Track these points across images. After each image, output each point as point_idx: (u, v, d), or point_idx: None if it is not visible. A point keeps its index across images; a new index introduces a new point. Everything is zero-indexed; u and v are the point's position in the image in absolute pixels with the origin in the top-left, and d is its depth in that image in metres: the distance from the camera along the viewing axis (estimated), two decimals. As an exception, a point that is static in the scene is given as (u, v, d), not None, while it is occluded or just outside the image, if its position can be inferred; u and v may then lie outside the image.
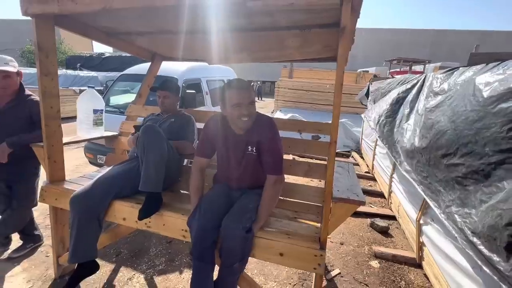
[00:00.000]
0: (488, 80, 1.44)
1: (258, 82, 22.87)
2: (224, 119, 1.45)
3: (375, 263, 2.20)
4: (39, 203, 1.91)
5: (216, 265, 1.32)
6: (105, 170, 1.64)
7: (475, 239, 0.93)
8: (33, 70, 9.30)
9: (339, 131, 6.04)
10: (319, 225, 1.41)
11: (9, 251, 2.07)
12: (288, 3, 1.01)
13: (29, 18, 1.54)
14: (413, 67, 13.27)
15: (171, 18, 1.58)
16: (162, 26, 1.79)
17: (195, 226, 1.25)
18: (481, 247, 0.90)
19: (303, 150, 1.87)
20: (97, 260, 1.58)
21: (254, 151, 1.39)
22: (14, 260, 1.99)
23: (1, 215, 1.95)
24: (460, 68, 1.90)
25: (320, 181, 3.29)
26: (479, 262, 0.92)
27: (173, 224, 1.40)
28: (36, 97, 1.87)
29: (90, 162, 3.29)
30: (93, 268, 1.51)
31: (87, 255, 1.46)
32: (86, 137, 2.02)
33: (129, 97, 4.06)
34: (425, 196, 1.56)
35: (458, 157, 1.18)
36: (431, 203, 1.44)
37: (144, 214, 1.38)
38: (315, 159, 4.66)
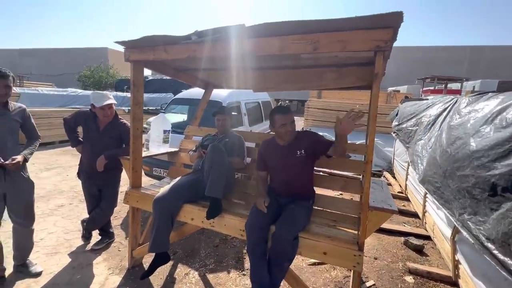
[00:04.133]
0: (509, 105, 1.62)
1: (286, 101, 23.37)
2: (273, 139, 1.90)
3: (409, 279, 2.29)
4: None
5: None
6: (176, 179, 2.04)
7: (489, 245, 1.11)
8: (89, 92, 10.54)
9: (370, 151, 6.11)
10: (356, 232, 1.63)
11: (90, 244, 2.54)
12: (333, 55, 1.34)
13: (82, 46, 2.06)
14: (448, 85, 12.80)
15: (231, 60, 2.00)
16: (222, 64, 2.23)
17: (247, 226, 1.61)
18: (496, 252, 1.07)
19: (338, 167, 2.13)
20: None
21: (303, 152, 1.77)
22: (96, 251, 2.44)
23: (89, 214, 2.44)
24: (489, 93, 2.08)
25: (352, 197, 3.44)
26: (496, 266, 1.09)
27: (232, 225, 1.73)
28: (124, 120, 2.38)
29: (146, 174, 3.80)
30: (166, 258, 1.87)
31: (163, 246, 1.82)
32: (157, 152, 2.49)
33: (180, 117, 4.63)
34: (439, 204, 1.73)
35: (469, 169, 1.38)
36: (445, 211, 1.61)
37: (211, 215, 1.73)
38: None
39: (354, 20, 1.15)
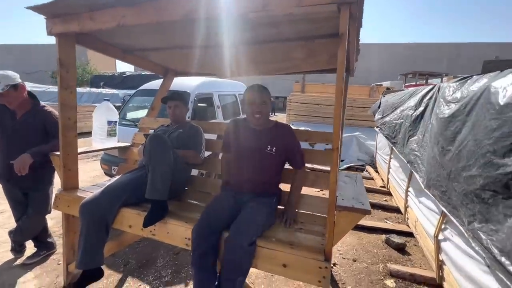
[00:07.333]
0: (505, 85, 1.37)
1: (272, 98, 23.16)
2: (245, 120, 1.66)
3: (390, 283, 2.06)
4: (55, 212, 1.98)
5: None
6: (115, 178, 1.69)
7: (503, 259, 0.85)
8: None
9: (352, 145, 5.94)
10: (325, 236, 1.35)
11: (23, 257, 2.14)
12: (287, 12, 1.04)
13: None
14: (429, 81, 12.97)
15: (179, 33, 1.67)
16: (171, 41, 1.89)
17: (193, 231, 1.26)
18: (511, 268, 0.81)
19: (309, 160, 1.85)
20: (106, 269, 1.60)
21: (274, 151, 1.52)
22: (28, 266, 2.04)
23: (16, 223, 2.03)
24: (474, 76, 1.84)
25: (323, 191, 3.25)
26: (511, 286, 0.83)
27: (176, 232, 1.40)
28: (49, 108, 1.98)
29: (105, 173, 3.41)
30: (98, 275, 1.52)
31: (95, 262, 1.47)
32: (100, 147, 2.11)
33: (144, 112, 4.24)
34: (447, 213, 1.47)
35: (476, 168, 1.11)
36: (454, 220, 1.35)
37: (148, 221, 1.40)
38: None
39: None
